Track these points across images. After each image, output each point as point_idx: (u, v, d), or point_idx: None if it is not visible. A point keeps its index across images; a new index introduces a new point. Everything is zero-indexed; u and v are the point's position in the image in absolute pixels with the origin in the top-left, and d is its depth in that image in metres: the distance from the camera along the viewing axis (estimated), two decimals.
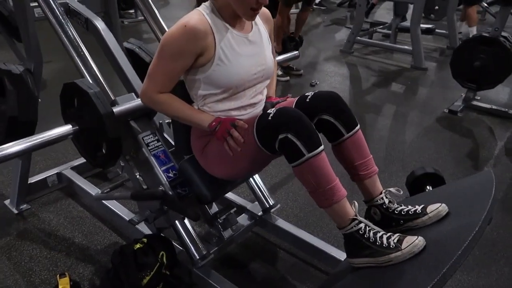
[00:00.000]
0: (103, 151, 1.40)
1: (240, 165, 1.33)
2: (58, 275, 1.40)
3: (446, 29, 5.28)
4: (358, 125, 1.33)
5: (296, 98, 1.36)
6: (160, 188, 1.44)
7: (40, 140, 1.32)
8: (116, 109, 1.40)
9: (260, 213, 1.87)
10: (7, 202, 2.07)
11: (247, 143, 1.24)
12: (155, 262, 1.48)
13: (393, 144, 2.89)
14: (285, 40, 3.98)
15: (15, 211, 2.01)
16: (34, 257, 1.76)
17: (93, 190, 2.04)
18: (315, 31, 6.17)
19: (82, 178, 2.15)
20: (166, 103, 1.31)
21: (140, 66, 1.81)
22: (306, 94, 1.34)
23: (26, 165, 1.96)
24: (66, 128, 1.37)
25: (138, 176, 1.62)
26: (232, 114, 1.33)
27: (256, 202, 1.89)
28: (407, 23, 4.90)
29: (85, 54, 1.60)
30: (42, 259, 1.75)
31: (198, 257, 1.55)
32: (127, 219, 1.83)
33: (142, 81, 1.44)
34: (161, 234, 1.66)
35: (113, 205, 1.93)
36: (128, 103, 1.49)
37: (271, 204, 1.88)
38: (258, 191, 1.87)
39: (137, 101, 1.51)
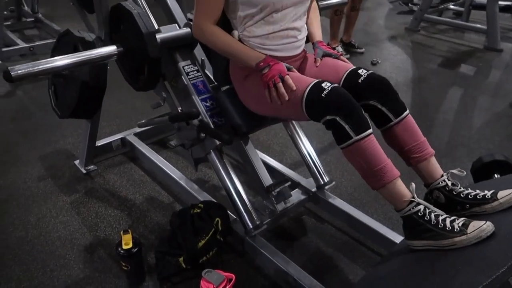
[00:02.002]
0: (145, 74, 1.45)
1: (277, 111, 1.35)
2: (122, 231, 1.49)
3: None
4: (407, 110, 1.29)
5: (348, 69, 1.32)
6: (194, 109, 1.50)
7: (87, 57, 1.42)
8: (158, 36, 1.47)
9: (314, 189, 1.86)
10: (76, 162, 2.23)
11: (291, 102, 1.24)
12: (211, 228, 1.54)
13: (459, 129, 2.71)
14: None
15: (84, 171, 2.16)
16: (100, 214, 1.89)
17: (153, 155, 2.14)
18: (379, 7, 5.87)
19: (144, 144, 2.26)
20: (216, 35, 1.34)
21: None
22: (359, 71, 1.30)
23: (94, 128, 2.09)
24: (112, 48, 1.46)
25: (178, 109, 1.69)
26: (272, 42, 1.33)
27: (311, 178, 1.88)
28: (483, 0, 4.50)
29: None
30: (107, 217, 1.88)
31: (251, 226, 1.58)
32: (185, 185, 1.91)
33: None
34: (216, 202, 1.71)
35: (171, 170, 2.01)
36: (170, 32, 1.55)
37: (326, 181, 1.86)
38: (314, 167, 1.86)
39: (180, 31, 1.57)
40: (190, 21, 1.97)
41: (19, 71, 1.29)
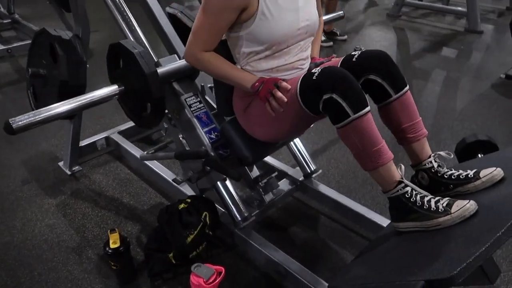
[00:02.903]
0: (148, 111, 1.43)
1: (282, 127, 1.32)
2: (109, 231, 1.47)
3: None
4: (407, 86, 1.26)
5: (342, 58, 1.31)
6: (203, 148, 1.46)
7: (88, 100, 1.37)
8: (159, 70, 1.42)
9: (301, 178, 1.86)
10: (61, 163, 2.20)
11: (289, 104, 1.21)
12: (199, 222, 1.53)
13: (443, 111, 2.74)
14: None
15: (68, 172, 2.13)
16: (86, 214, 1.87)
17: (139, 153, 2.11)
18: None
19: (128, 142, 2.23)
20: (209, 62, 1.30)
21: (182, 31, 1.81)
22: (353, 53, 1.28)
23: (77, 129, 2.06)
24: (113, 88, 1.41)
25: (181, 139, 1.65)
26: (276, 74, 1.30)
27: (298, 168, 1.89)
28: None
29: (130, 18, 1.62)
30: (94, 217, 1.86)
31: (240, 219, 1.58)
32: (171, 180, 1.89)
33: (184, 45, 1.45)
34: (204, 196, 1.70)
35: (158, 167, 2.00)
36: (171, 64, 1.51)
37: (313, 169, 1.86)
38: (300, 156, 1.86)
39: (180, 62, 1.52)
40: (169, 15, 1.95)
41: (20, 123, 1.25)
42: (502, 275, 1.51)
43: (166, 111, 1.57)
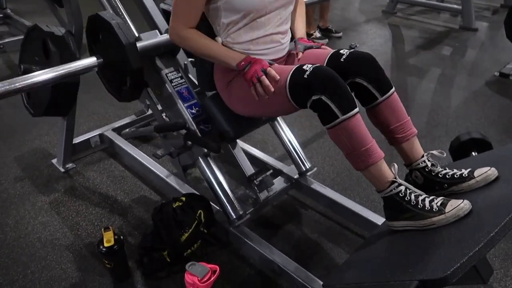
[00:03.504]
0: (127, 85, 1.42)
1: (265, 109, 1.34)
2: (103, 229, 1.46)
3: None
4: (393, 88, 1.27)
5: (329, 53, 1.31)
6: (181, 120, 1.47)
7: (66, 70, 1.37)
8: (140, 44, 1.42)
9: (296, 176, 1.86)
10: (54, 161, 2.18)
11: (276, 94, 1.22)
12: (193, 220, 1.53)
13: (437, 109, 2.75)
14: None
15: (62, 170, 2.11)
16: (80, 212, 1.86)
17: (133, 150, 2.11)
18: None
19: (122, 139, 2.21)
20: (193, 39, 1.30)
21: None
22: (341, 51, 1.28)
23: (70, 126, 2.03)
24: (91, 60, 1.41)
25: (164, 117, 1.65)
26: (256, 48, 1.30)
27: (293, 166, 1.88)
28: None
29: None
30: (88, 215, 1.84)
31: (234, 217, 1.57)
32: (166, 178, 1.89)
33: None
34: (199, 194, 1.69)
35: (153, 165, 1.99)
36: (151, 39, 1.50)
37: (308, 167, 1.86)
38: (295, 154, 1.86)
39: (161, 37, 1.53)
40: (164, 11, 1.94)
41: None
42: (495, 272, 1.52)
43: (149, 89, 1.59)
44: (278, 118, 1.88)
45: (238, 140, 1.75)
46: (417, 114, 2.67)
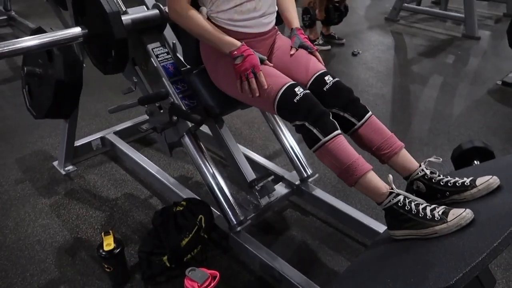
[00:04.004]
0: (112, 57, 1.42)
1: (247, 100, 1.39)
2: (103, 233, 1.46)
3: None
4: (370, 112, 1.34)
5: (316, 73, 1.35)
6: (163, 90, 1.48)
7: (51, 38, 1.38)
8: (125, 17, 1.43)
9: (297, 182, 1.86)
10: (55, 163, 2.18)
11: (264, 98, 1.28)
12: (194, 225, 1.52)
13: (439, 117, 2.75)
14: (329, 9, 3.81)
15: (63, 172, 2.11)
16: (81, 215, 1.85)
17: (134, 154, 2.10)
18: None
19: (124, 143, 2.21)
20: (192, 18, 1.32)
21: (181, 30, 1.80)
22: (325, 78, 1.33)
23: (72, 128, 2.04)
24: (76, 30, 1.42)
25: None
26: (240, 18, 1.33)
27: (294, 172, 1.88)
28: None
29: None
30: (88, 218, 1.84)
31: (235, 222, 1.57)
32: (167, 182, 1.88)
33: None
34: (199, 198, 1.69)
35: (154, 169, 1.98)
36: (138, 13, 1.52)
37: (309, 173, 1.86)
38: (297, 160, 1.86)
39: (148, 12, 1.54)
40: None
41: None
42: (497, 282, 1.51)
43: (136, 67, 1.61)
44: (279, 123, 1.88)
45: (239, 145, 1.74)
46: (419, 122, 2.67)
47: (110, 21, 1.33)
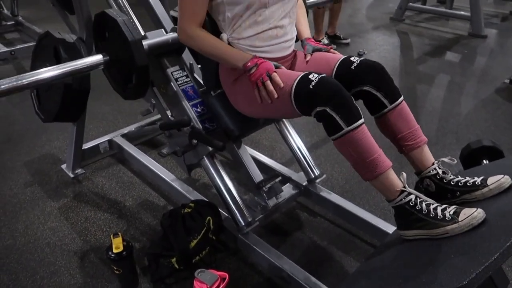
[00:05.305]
0: (133, 82, 1.43)
1: (268, 111, 1.35)
2: (112, 235, 1.46)
3: None
4: (402, 97, 1.27)
5: (339, 58, 1.31)
6: (186, 117, 1.48)
7: (72, 67, 1.37)
8: (146, 42, 1.43)
9: (305, 183, 1.85)
10: (63, 166, 2.19)
11: (281, 99, 1.23)
12: (202, 227, 1.52)
13: (447, 116, 2.73)
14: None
15: (71, 175, 2.12)
16: (89, 218, 1.86)
17: (142, 156, 2.11)
18: None
19: (131, 145, 2.22)
20: (201, 38, 1.32)
21: None
22: (351, 58, 1.28)
23: (80, 132, 2.05)
24: (98, 57, 1.42)
25: (170, 117, 1.66)
26: (262, 44, 1.31)
27: (302, 173, 1.87)
28: None
29: None
30: (97, 220, 1.85)
31: (243, 224, 1.56)
32: (175, 185, 1.89)
33: None
34: (207, 200, 1.69)
35: (161, 171, 1.99)
36: (157, 38, 1.51)
37: (317, 174, 1.85)
38: (304, 161, 1.85)
39: (167, 36, 1.54)
40: (173, 18, 1.95)
41: (2, 86, 1.24)
42: (510, 282, 1.49)
43: (155, 88, 1.60)
44: (286, 124, 1.88)
45: (246, 146, 1.74)
46: (427, 122, 2.65)
47: (132, 49, 1.33)
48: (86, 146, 2.21)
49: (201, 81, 1.68)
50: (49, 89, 1.77)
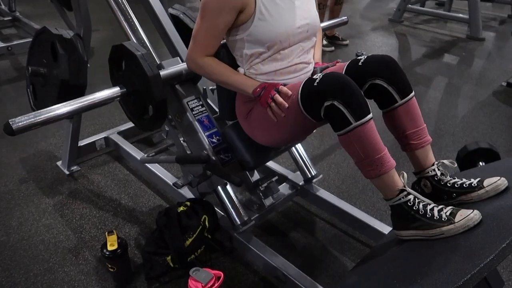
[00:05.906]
0: (149, 114, 1.42)
1: (283, 132, 1.31)
2: (106, 233, 1.46)
3: None
4: (413, 92, 1.24)
5: (347, 63, 1.29)
6: (205, 152, 1.45)
7: (89, 101, 1.35)
8: (162, 73, 1.41)
9: (301, 183, 1.85)
10: (59, 163, 2.18)
11: (291, 109, 1.20)
12: (198, 225, 1.51)
13: (444, 118, 2.73)
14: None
15: (67, 172, 2.11)
16: (84, 215, 1.85)
17: (138, 154, 2.10)
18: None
19: (128, 143, 2.21)
20: (211, 67, 1.30)
21: (184, 32, 1.80)
22: (359, 57, 1.27)
23: (76, 128, 2.04)
24: (114, 90, 1.39)
25: (182, 142, 1.64)
26: (280, 78, 1.29)
27: (298, 172, 1.87)
28: None
29: (132, 19, 1.61)
30: (92, 218, 1.84)
31: (239, 223, 1.56)
32: (171, 183, 1.87)
33: (186, 47, 1.44)
34: (203, 199, 1.68)
35: (157, 169, 1.98)
36: (173, 67, 1.49)
37: (313, 174, 1.85)
38: (301, 161, 1.85)
39: (182, 65, 1.50)
40: (172, 17, 1.94)
41: (20, 124, 1.23)
42: (505, 284, 1.49)
43: (169, 116, 1.56)
44: None
45: None
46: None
47: (151, 84, 1.31)
48: (82, 143, 2.20)
49: (215, 107, 1.67)
50: (45, 85, 1.76)
